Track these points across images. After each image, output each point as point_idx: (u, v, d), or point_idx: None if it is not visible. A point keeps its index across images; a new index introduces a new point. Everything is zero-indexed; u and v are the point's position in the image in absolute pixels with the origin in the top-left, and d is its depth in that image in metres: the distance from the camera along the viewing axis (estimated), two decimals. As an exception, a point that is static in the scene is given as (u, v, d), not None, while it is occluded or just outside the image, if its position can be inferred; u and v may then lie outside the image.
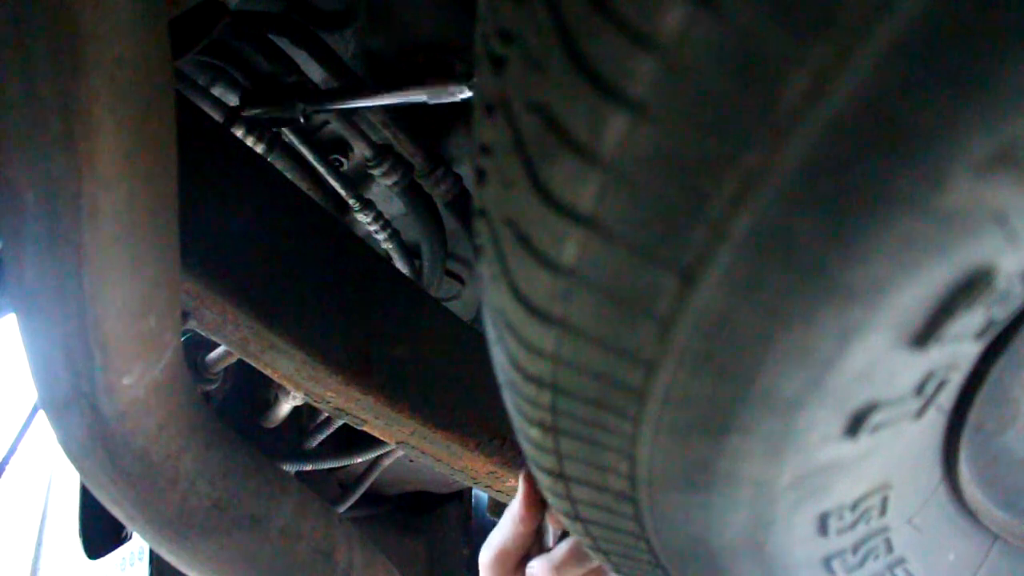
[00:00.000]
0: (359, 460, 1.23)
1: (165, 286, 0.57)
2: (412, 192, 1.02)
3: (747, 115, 0.23)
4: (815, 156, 0.23)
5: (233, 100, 0.97)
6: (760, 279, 0.26)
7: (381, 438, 0.95)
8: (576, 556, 0.65)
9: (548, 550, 0.68)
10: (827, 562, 0.40)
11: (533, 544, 0.69)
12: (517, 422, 0.40)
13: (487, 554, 0.70)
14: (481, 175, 0.32)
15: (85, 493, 1.39)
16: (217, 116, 0.92)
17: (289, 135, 0.99)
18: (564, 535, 0.68)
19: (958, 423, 0.38)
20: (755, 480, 0.33)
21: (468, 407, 0.91)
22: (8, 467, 0.96)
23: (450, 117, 1.03)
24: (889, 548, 0.41)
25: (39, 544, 1.62)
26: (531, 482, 0.71)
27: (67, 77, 0.41)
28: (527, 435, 0.39)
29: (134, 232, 0.50)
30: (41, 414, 0.67)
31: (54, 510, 1.60)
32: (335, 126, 0.97)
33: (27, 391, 0.87)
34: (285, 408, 1.17)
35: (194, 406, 0.68)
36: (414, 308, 0.90)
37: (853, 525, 0.38)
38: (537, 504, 0.69)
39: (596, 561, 0.64)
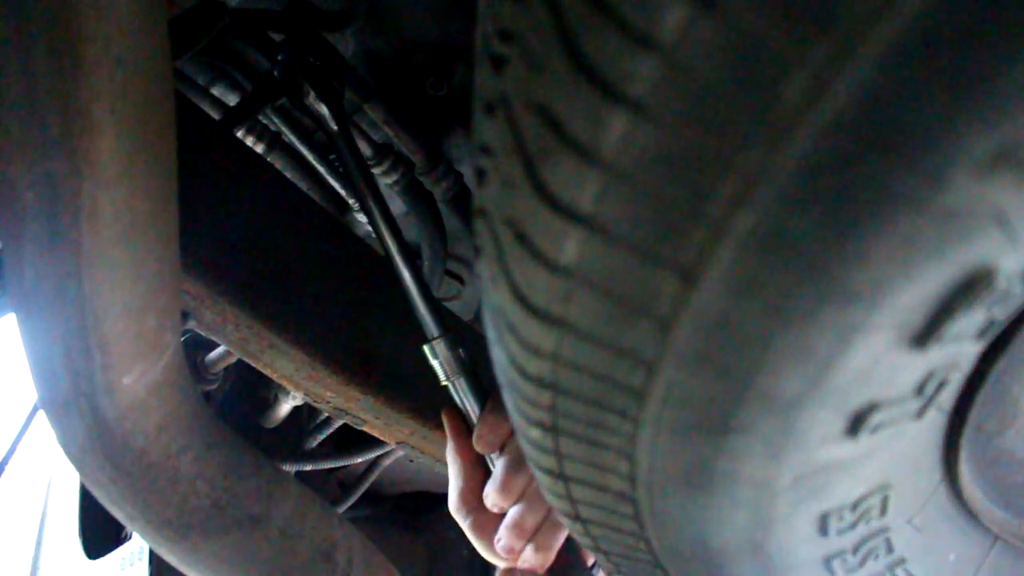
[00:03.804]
0: (359, 460, 1.23)
1: (165, 286, 0.57)
2: (412, 191, 1.02)
3: (747, 115, 0.23)
4: (815, 156, 0.23)
5: (233, 100, 0.97)
6: (760, 279, 0.26)
7: (381, 438, 0.95)
8: (512, 468, 0.67)
9: None
10: (827, 562, 0.40)
11: (484, 473, 0.71)
12: (517, 422, 0.40)
13: (451, 502, 0.72)
14: (481, 175, 0.32)
15: (85, 493, 1.39)
16: (217, 116, 0.92)
17: (289, 135, 0.99)
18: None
19: (958, 423, 0.38)
20: (755, 480, 0.33)
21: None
22: (8, 467, 0.96)
23: (450, 116, 1.03)
24: (889, 548, 0.41)
25: (39, 544, 1.62)
26: (451, 415, 0.74)
27: (67, 77, 0.41)
28: (527, 435, 0.39)
29: (134, 232, 0.50)
30: (41, 414, 0.67)
31: (54, 510, 1.60)
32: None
33: (27, 391, 0.87)
34: (285, 408, 1.17)
35: (194, 406, 0.68)
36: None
37: (853, 525, 0.38)
38: (465, 434, 0.72)
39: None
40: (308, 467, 1.16)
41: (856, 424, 0.31)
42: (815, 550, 0.39)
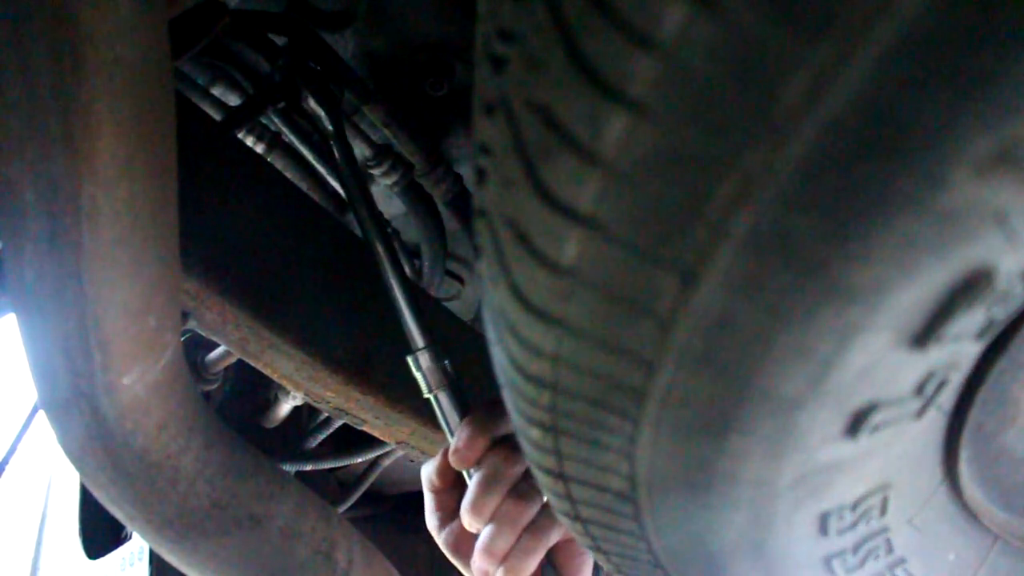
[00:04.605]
0: (359, 460, 1.23)
1: (165, 286, 0.57)
2: (412, 192, 1.02)
3: (747, 115, 0.23)
4: (815, 156, 0.23)
5: (233, 100, 0.97)
6: (760, 279, 0.26)
7: (381, 438, 0.96)
8: (485, 487, 0.65)
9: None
10: (827, 562, 0.40)
11: (463, 491, 0.68)
12: (517, 422, 0.40)
13: (429, 521, 0.72)
14: (481, 175, 0.32)
15: (85, 493, 1.39)
16: (217, 116, 0.92)
17: (289, 135, 0.99)
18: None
19: (958, 423, 0.38)
20: (755, 480, 0.33)
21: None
22: (8, 467, 0.96)
23: (450, 116, 1.03)
24: (889, 548, 0.41)
25: (39, 544, 1.62)
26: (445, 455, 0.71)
27: (67, 77, 0.41)
28: (527, 435, 0.39)
29: (134, 232, 0.50)
30: (41, 414, 0.67)
31: (54, 510, 1.60)
32: (335, 126, 0.97)
33: (27, 391, 0.87)
34: (285, 408, 1.17)
35: (194, 406, 0.68)
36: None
37: (853, 525, 0.38)
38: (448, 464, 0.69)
39: (505, 485, 0.65)
40: (308, 467, 1.16)
41: (856, 424, 0.31)
42: (815, 550, 0.39)
